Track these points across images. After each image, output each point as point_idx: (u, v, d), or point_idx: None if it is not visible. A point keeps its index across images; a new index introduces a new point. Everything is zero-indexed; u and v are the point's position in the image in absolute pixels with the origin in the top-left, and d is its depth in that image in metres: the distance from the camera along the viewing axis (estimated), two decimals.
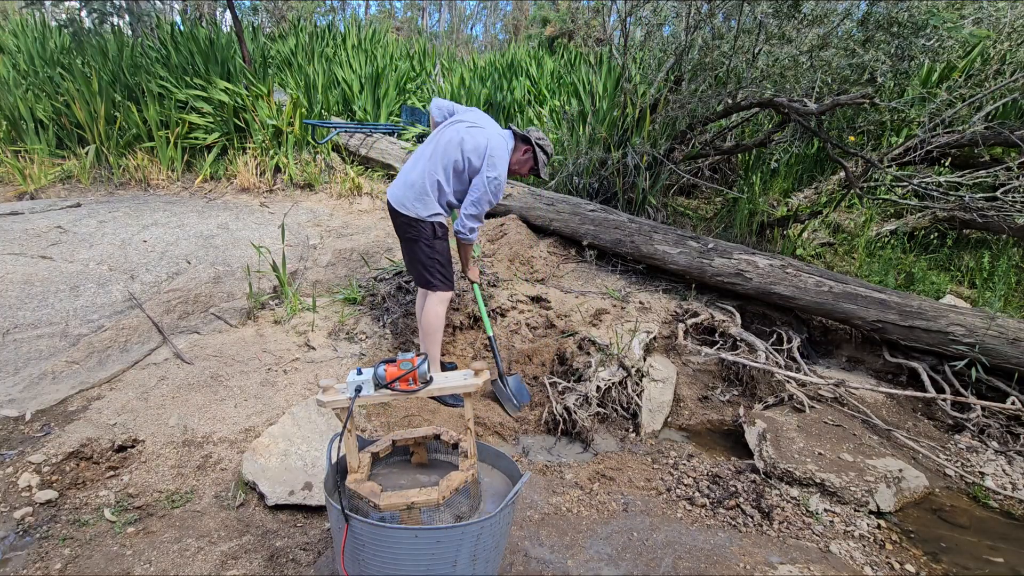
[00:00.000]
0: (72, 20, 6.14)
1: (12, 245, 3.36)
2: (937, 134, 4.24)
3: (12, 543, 1.84)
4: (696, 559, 1.94)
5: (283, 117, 5.00)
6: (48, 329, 2.77)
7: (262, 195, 4.78)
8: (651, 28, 4.79)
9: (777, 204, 4.86)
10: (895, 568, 1.99)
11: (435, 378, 1.45)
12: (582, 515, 2.14)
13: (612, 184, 4.41)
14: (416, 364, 1.40)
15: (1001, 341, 2.89)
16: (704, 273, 3.58)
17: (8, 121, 4.94)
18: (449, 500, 1.40)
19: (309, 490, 2.05)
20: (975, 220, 4.15)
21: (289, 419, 2.29)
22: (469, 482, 1.44)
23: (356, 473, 1.43)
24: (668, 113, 4.33)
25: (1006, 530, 2.25)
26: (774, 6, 3.90)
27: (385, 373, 1.39)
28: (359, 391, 1.37)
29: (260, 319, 3.24)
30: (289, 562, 1.83)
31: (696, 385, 3.14)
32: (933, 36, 3.79)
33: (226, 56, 5.37)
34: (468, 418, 1.48)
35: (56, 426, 2.33)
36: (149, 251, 3.49)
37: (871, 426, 2.78)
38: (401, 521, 1.36)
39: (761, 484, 2.34)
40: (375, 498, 1.34)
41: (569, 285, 3.78)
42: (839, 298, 3.23)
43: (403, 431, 1.66)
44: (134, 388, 2.60)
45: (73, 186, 4.81)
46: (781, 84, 4.05)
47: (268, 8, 13.60)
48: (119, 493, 2.07)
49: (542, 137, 2.71)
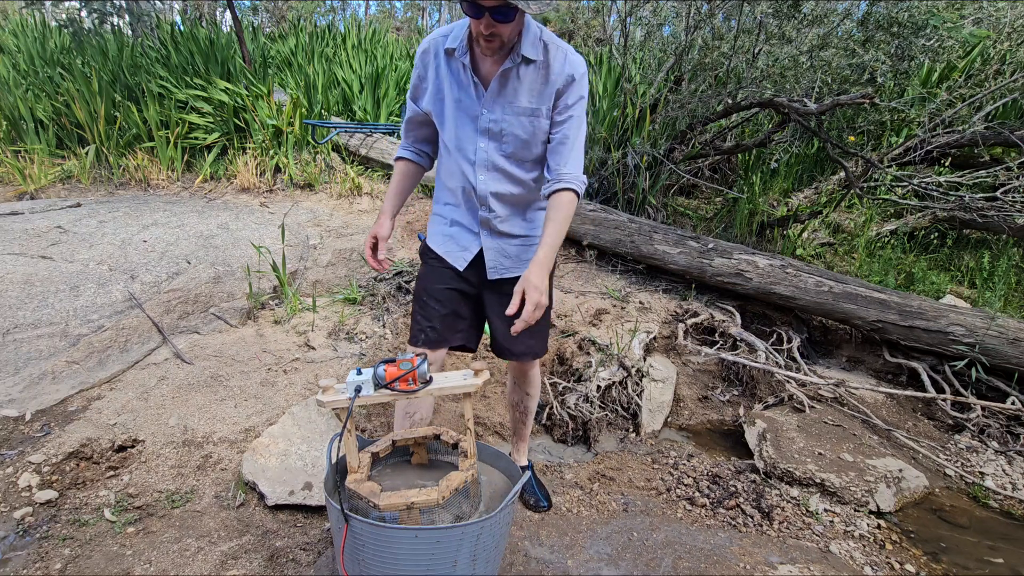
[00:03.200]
0: (72, 20, 6.14)
1: (12, 245, 3.36)
2: (937, 134, 4.24)
3: (12, 543, 1.84)
4: (696, 559, 1.94)
5: (283, 117, 5.00)
6: (48, 329, 2.77)
7: (262, 195, 4.78)
8: (651, 28, 4.80)
9: (777, 204, 4.86)
10: (895, 568, 1.99)
11: (435, 378, 1.45)
12: (582, 515, 2.14)
13: (612, 184, 4.41)
14: (416, 364, 1.40)
15: (1001, 341, 2.89)
16: (704, 273, 3.59)
17: (8, 121, 4.94)
18: (449, 500, 1.40)
19: (309, 490, 2.05)
20: (975, 220, 4.15)
21: (289, 419, 2.29)
22: (469, 482, 1.44)
23: (356, 473, 1.43)
24: (668, 113, 4.33)
25: (1006, 530, 2.25)
26: (774, 6, 3.91)
27: (385, 373, 1.39)
28: (359, 391, 1.37)
29: (260, 319, 3.24)
30: (289, 562, 1.83)
31: (696, 385, 3.14)
32: (933, 36, 3.80)
33: (226, 56, 5.37)
34: (468, 418, 1.48)
35: (56, 426, 2.33)
36: (149, 251, 3.49)
37: (871, 426, 2.78)
38: (400, 521, 1.36)
39: (761, 484, 2.34)
40: (375, 498, 1.34)
41: (569, 285, 3.78)
42: (839, 298, 3.23)
43: (403, 431, 1.66)
44: (134, 388, 2.60)
45: (73, 186, 4.81)
46: (781, 84, 4.05)
47: (268, 8, 13.60)
48: (119, 493, 2.07)
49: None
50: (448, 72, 1.65)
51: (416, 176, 1.89)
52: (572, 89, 1.60)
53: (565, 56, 1.59)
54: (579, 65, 1.60)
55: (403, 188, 1.86)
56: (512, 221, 1.77)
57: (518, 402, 2.09)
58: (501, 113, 1.62)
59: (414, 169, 1.88)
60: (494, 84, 1.59)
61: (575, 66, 1.59)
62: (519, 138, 1.65)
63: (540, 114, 1.62)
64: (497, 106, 1.62)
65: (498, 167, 1.69)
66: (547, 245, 1.59)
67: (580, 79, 1.61)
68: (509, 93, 1.60)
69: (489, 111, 1.63)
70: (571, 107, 1.62)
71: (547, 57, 1.57)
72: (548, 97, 1.61)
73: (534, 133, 1.64)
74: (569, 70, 1.59)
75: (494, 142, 1.66)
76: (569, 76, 1.59)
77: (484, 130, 1.65)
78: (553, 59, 1.58)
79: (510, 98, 1.61)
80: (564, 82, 1.59)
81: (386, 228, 1.78)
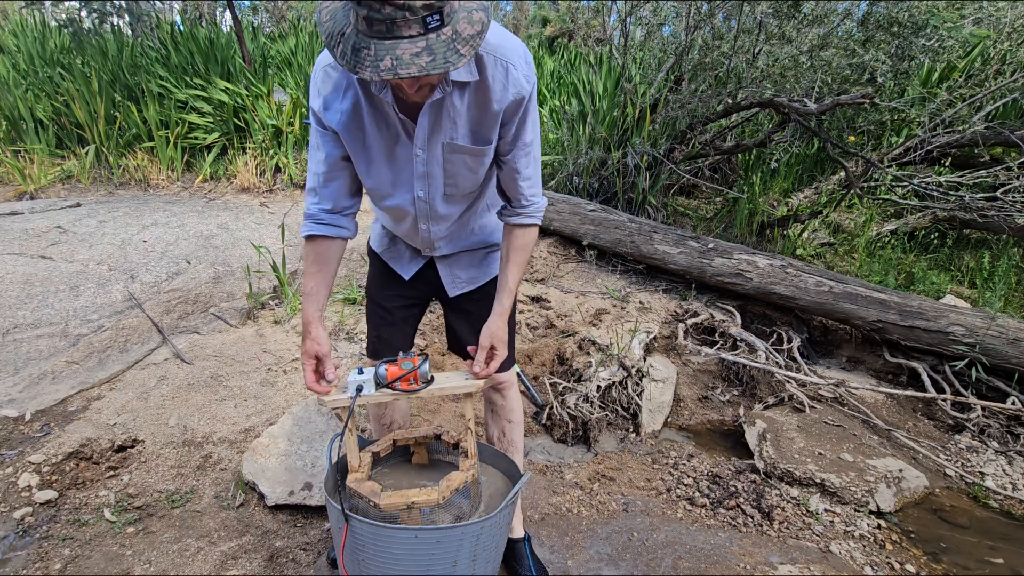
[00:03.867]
0: (72, 20, 6.14)
1: (12, 245, 3.36)
2: (937, 134, 4.24)
3: (12, 543, 1.84)
4: (696, 559, 1.94)
5: (283, 117, 5.00)
6: (48, 329, 2.77)
7: (262, 195, 4.78)
8: (651, 28, 4.80)
9: (777, 204, 4.86)
10: (895, 568, 1.99)
11: (436, 378, 1.45)
12: (582, 515, 2.14)
13: (612, 184, 4.41)
14: (417, 364, 1.39)
15: (1001, 341, 2.89)
16: (704, 273, 3.59)
17: (8, 121, 4.94)
18: (449, 500, 1.40)
19: (309, 490, 2.05)
20: (975, 220, 4.15)
21: (289, 419, 2.29)
22: (469, 482, 1.44)
23: (356, 472, 1.43)
24: (668, 113, 4.33)
25: (1006, 530, 2.25)
26: (774, 6, 3.91)
27: (386, 373, 1.38)
28: (360, 390, 1.36)
29: (260, 319, 3.24)
30: (289, 562, 1.83)
31: (696, 385, 3.14)
32: (933, 36, 3.80)
33: (226, 56, 5.37)
34: (468, 418, 1.48)
35: (56, 426, 2.32)
36: (149, 251, 3.49)
37: (871, 426, 2.78)
38: (401, 521, 1.36)
39: (761, 484, 2.34)
40: (375, 497, 1.34)
41: (569, 285, 3.78)
42: (839, 298, 3.23)
43: (403, 431, 1.66)
44: (134, 388, 2.60)
45: (73, 186, 4.81)
46: (781, 84, 4.05)
47: (268, 8, 13.60)
48: (119, 493, 2.07)
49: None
50: (366, 106, 1.29)
51: (339, 255, 1.45)
52: (520, 110, 1.29)
53: (507, 71, 1.24)
54: (523, 81, 1.26)
55: (326, 279, 1.43)
56: (459, 239, 1.56)
57: (500, 435, 1.78)
58: (440, 152, 1.32)
59: (336, 249, 1.44)
60: (423, 120, 1.26)
61: (519, 83, 1.25)
62: (465, 177, 1.38)
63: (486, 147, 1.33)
64: (434, 144, 1.30)
65: (441, 216, 1.44)
66: (510, 291, 1.42)
67: (529, 96, 1.29)
68: (445, 127, 1.28)
69: (424, 151, 1.31)
70: (524, 127, 1.33)
71: (484, 75, 1.23)
72: (492, 122, 1.29)
73: (482, 164, 1.37)
74: (514, 90, 1.25)
75: (435, 187, 1.38)
76: (515, 96, 1.26)
77: (421, 175, 1.35)
78: (492, 77, 1.24)
79: (448, 133, 1.29)
80: (511, 104, 1.27)
81: (324, 341, 1.40)
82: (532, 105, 1.32)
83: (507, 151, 1.36)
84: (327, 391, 1.38)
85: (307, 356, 1.39)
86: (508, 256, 1.44)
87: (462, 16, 1.03)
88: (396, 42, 0.99)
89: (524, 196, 1.41)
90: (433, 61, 0.99)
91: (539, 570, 1.82)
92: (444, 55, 1.00)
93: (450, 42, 1.01)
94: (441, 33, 1.00)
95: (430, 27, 0.99)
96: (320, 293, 1.42)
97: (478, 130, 1.30)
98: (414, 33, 0.99)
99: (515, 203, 1.43)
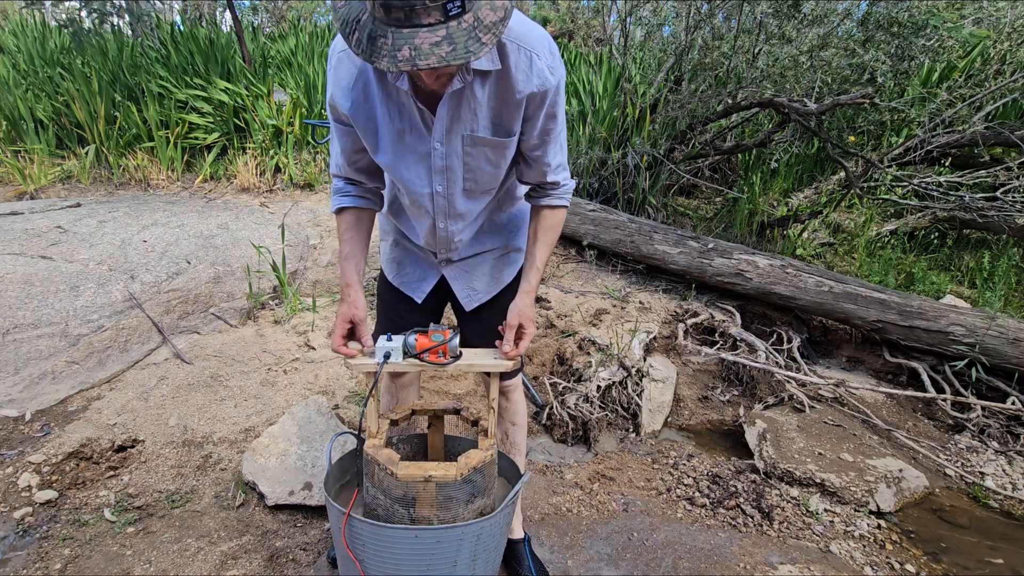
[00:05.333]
0: (72, 20, 6.14)
1: (12, 245, 3.36)
2: (937, 134, 4.24)
3: (12, 543, 1.84)
4: (696, 559, 1.94)
5: (283, 117, 5.00)
6: (48, 329, 2.77)
7: (262, 195, 4.78)
8: (651, 28, 4.80)
9: (777, 204, 4.86)
10: (895, 568, 1.99)
11: (465, 354, 1.38)
12: (582, 515, 2.14)
13: (612, 184, 4.41)
14: (448, 337, 1.33)
15: (1001, 341, 2.89)
16: (704, 273, 3.59)
17: (8, 121, 4.94)
18: (467, 477, 1.34)
19: (309, 490, 2.05)
20: (975, 220, 4.15)
21: (289, 419, 2.29)
22: (487, 462, 1.38)
23: (374, 439, 1.38)
24: (668, 113, 4.33)
25: (1006, 530, 2.25)
26: (774, 6, 3.91)
27: (416, 343, 1.32)
28: (388, 357, 1.30)
29: (260, 319, 3.24)
30: (289, 562, 1.83)
31: (696, 385, 3.14)
32: (933, 36, 3.80)
33: (226, 56, 5.37)
34: (492, 397, 1.42)
35: (56, 426, 2.33)
36: (149, 251, 3.49)
37: (871, 426, 2.78)
38: (416, 493, 1.31)
39: (761, 484, 2.34)
40: (392, 466, 1.29)
41: (569, 285, 3.78)
42: (839, 298, 3.23)
43: (421, 402, 1.60)
44: (134, 388, 2.60)
45: (73, 186, 4.81)
46: (781, 84, 4.06)
47: (268, 8, 13.60)
48: (119, 493, 2.07)
49: None
50: (381, 94, 1.23)
51: (370, 223, 1.45)
52: (548, 102, 1.23)
53: (531, 60, 1.18)
54: (547, 72, 1.19)
55: (361, 243, 1.42)
56: (478, 241, 1.51)
57: (503, 437, 1.75)
58: (460, 145, 1.26)
59: (366, 217, 1.44)
60: (443, 111, 1.20)
61: (543, 74, 1.19)
62: (485, 171, 1.32)
63: (508, 139, 1.27)
64: (453, 137, 1.25)
65: (460, 213, 1.39)
66: (537, 270, 1.38)
67: (556, 90, 1.23)
68: (466, 118, 1.22)
69: (443, 144, 1.26)
70: (552, 123, 1.29)
71: (506, 64, 1.17)
72: (515, 113, 1.23)
73: (504, 157, 1.31)
74: (538, 81, 1.19)
75: (454, 182, 1.32)
76: (539, 88, 1.20)
77: (440, 169, 1.30)
78: (515, 66, 1.18)
79: (468, 125, 1.23)
80: (534, 96, 1.21)
81: (361, 306, 1.35)
82: (560, 99, 1.26)
83: (534, 147, 1.32)
84: (353, 354, 1.33)
85: (342, 319, 1.35)
86: (536, 236, 1.41)
87: (484, 2, 0.96)
88: (415, 30, 0.93)
89: (553, 182, 1.39)
90: (454, 51, 0.94)
91: (539, 570, 1.82)
92: (465, 44, 0.95)
93: (471, 30, 0.95)
94: (462, 20, 0.95)
95: (451, 14, 0.93)
96: (358, 256, 1.40)
97: (499, 122, 1.25)
98: (433, 21, 0.93)
99: (545, 184, 1.40)
